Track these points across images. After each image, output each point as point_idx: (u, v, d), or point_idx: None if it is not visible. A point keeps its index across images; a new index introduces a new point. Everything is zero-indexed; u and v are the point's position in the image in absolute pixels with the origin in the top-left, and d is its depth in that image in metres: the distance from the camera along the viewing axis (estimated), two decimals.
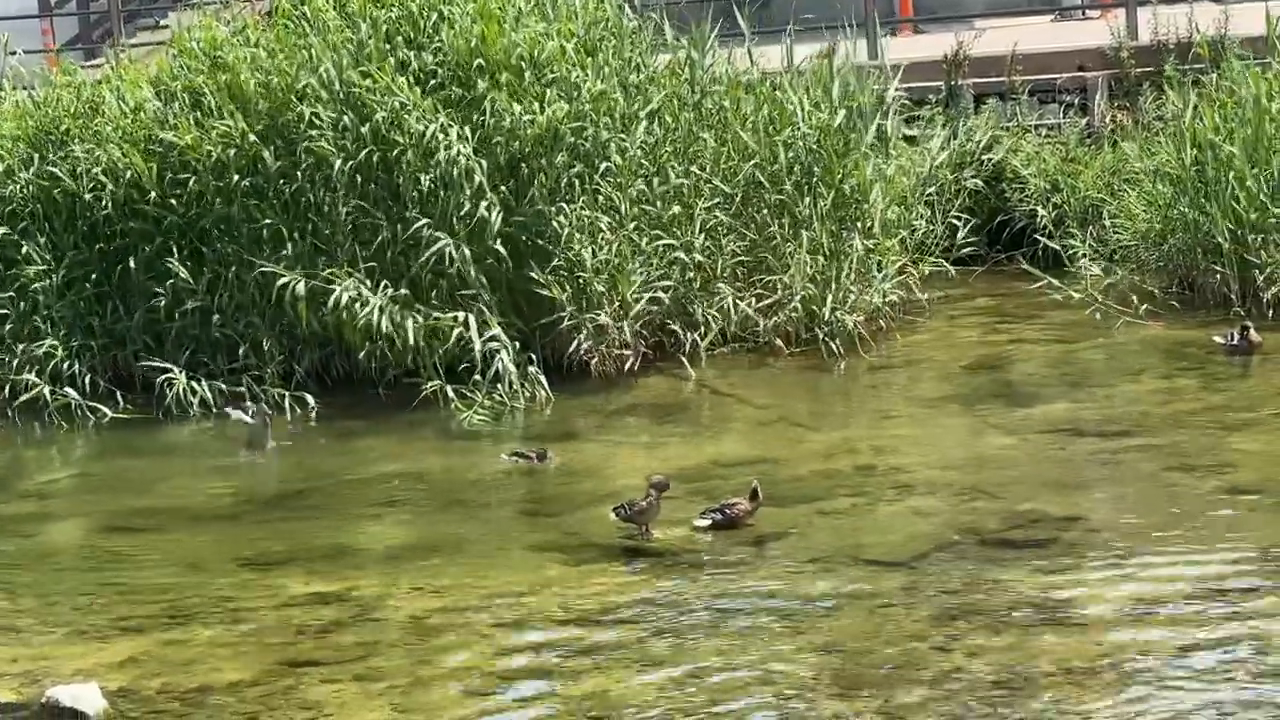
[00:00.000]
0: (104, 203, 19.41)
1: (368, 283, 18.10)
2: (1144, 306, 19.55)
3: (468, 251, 18.10)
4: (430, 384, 17.71)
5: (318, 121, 18.74)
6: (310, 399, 18.18)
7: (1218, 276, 20.02)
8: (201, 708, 10.43)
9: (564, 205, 18.48)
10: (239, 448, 17.05)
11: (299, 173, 18.85)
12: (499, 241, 18.24)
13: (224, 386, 18.44)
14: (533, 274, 18.35)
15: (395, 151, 18.56)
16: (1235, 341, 18.00)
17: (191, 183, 19.06)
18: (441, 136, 18.32)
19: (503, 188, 18.49)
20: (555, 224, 18.41)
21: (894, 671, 10.32)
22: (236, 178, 18.89)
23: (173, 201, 19.17)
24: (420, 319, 17.96)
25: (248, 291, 18.72)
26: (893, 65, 23.60)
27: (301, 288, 18.13)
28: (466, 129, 18.53)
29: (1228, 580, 11.44)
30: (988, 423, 16.16)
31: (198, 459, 17.11)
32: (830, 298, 19.27)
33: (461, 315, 17.98)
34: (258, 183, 18.99)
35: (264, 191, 18.97)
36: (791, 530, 13.22)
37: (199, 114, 19.43)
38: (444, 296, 18.38)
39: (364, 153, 18.61)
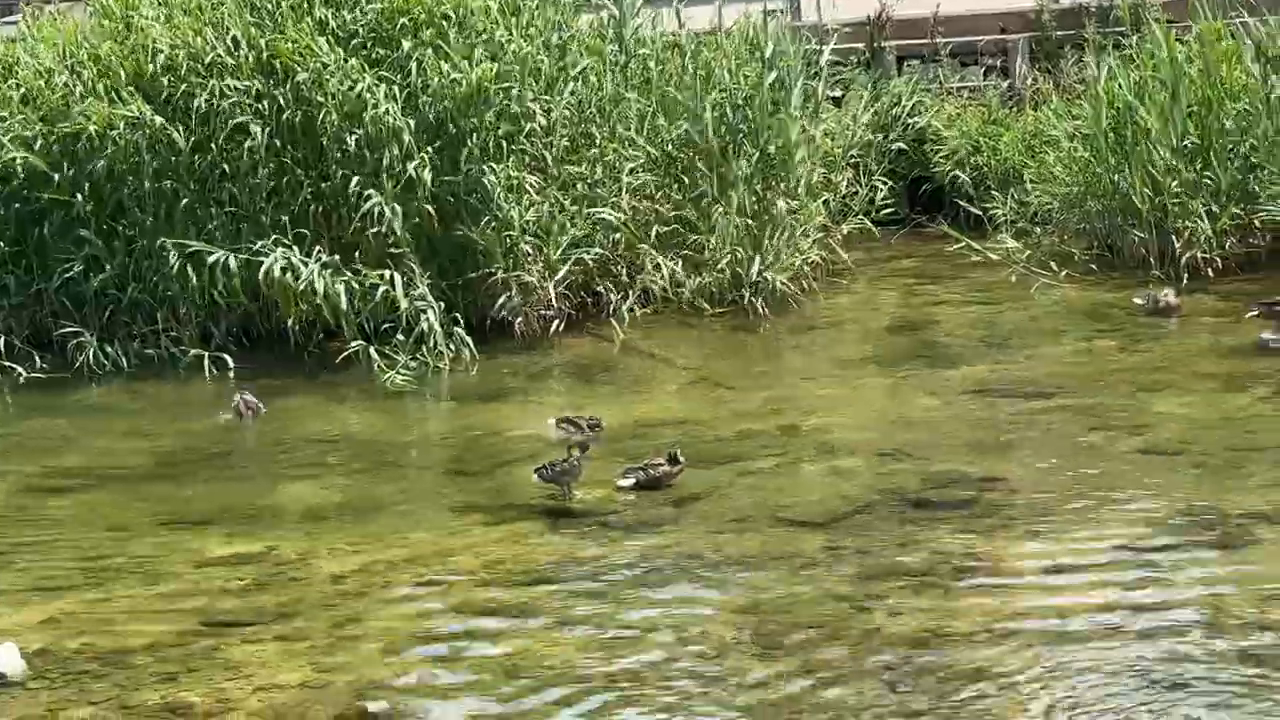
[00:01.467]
0: (17, 167, 19.15)
1: (295, 250, 17.96)
2: (1064, 273, 19.68)
3: (399, 208, 18.03)
4: (354, 344, 17.65)
5: (229, 92, 18.56)
6: (230, 360, 18.09)
7: (1136, 239, 20.15)
8: (121, 668, 10.38)
9: (492, 165, 18.42)
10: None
11: (213, 145, 18.69)
12: (428, 201, 18.19)
13: (138, 348, 18.35)
14: (459, 234, 18.30)
15: (319, 113, 18.44)
16: (1154, 303, 18.14)
17: (101, 164, 18.85)
18: (369, 96, 18.23)
19: (429, 149, 18.40)
20: (484, 184, 18.35)
21: (815, 631, 10.35)
22: (147, 159, 18.70)
23: (85, 184, 18.98)
24: (354, 284, 17.85)
25: (165, 257, 18.55)
26: (822, 27, 23.63)
27: (233, 263, 17.99)
28: (395, 89, 18.43)
29: (1146, 540, 11.53)
30: (909, 384, 16.23)
31: (115, 419, 16.99)
32: (756, 259, 19.30)
33: (388, 274, 17.91)
34: (169, 161, 18.79)
35: (176, 169, 18.78)
36: (714, 490, 13.24)
37: (107, 83, 19.15)
38: (368, 257, 18.32)
39: (285, 116, 18.49)
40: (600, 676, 9.90)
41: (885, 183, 22.37)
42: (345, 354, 17.62)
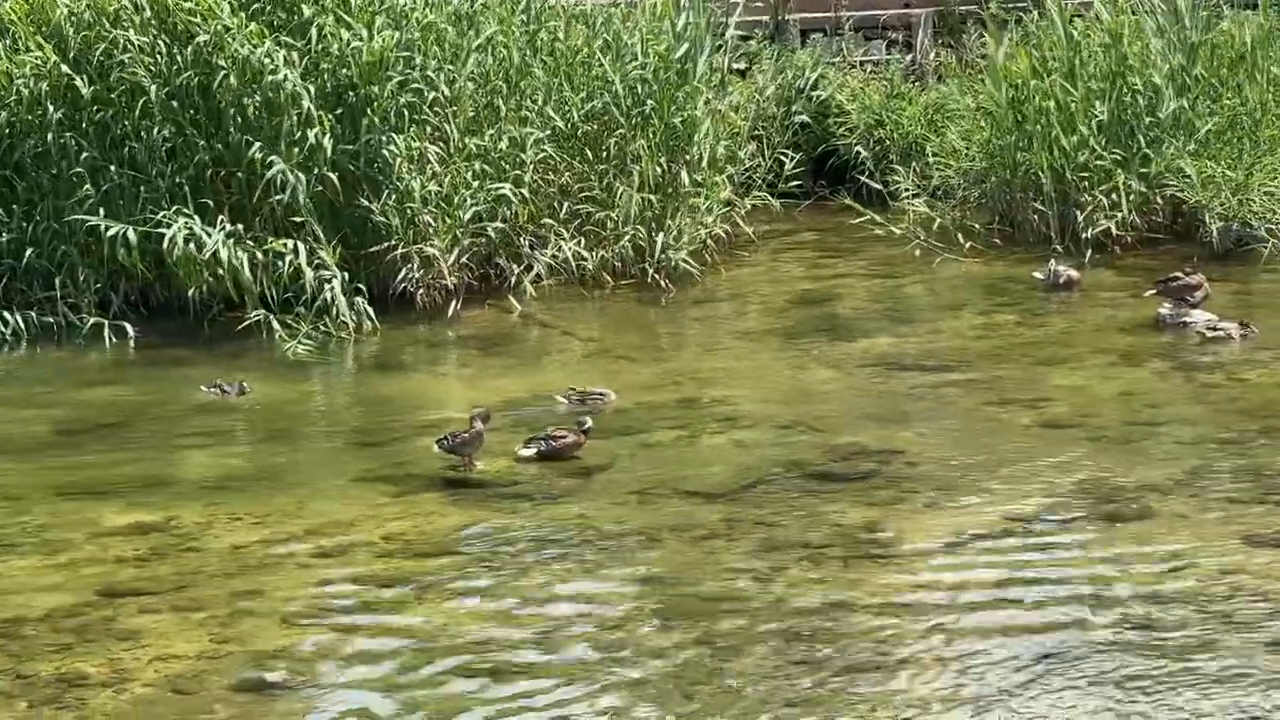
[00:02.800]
0: None
1: (197, 220, 17.81)
2: (968, 244, 19.81)
3: (303, 176, 17.92)
4: (254, 314, 17.54)
5: (131, 47, 18.39)
6: (129, 328, 17.94)
7: (1038, 214, 20.29)
8: (15, 639, 10.27)
9: (393, 136, 18.33)
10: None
11: (114, 97, 18.52)
12: (329, 169, 18.08)
13: (36, 316, 18.16)
14: (360, 203, 18.22)
15: (217, 76, 18.29)
16: (1054, 278, 18.28)
17: (2, 116, 18.65)
18: (268, 61, 18.09)
19: (329, 116, 18.28)
20: (385, 153, 18.26)
21: (714, 603, 10.37)
22: (50, 109, 18.50)
23: None
24: (258, 254, 17.72)
25: (63, 221, 18.38)
26: None
27: (132, 236, 17.82)
28: (294, 54, 18.30)
29: (1043, 513, 11.62)
30: (811, 356, 16.29)
31: (12, 388, 16.81)
32: (658, 234, 19.31)
33: (292, 243, 17.80)
34: (71, 114, 18.60)
35: (78, 122, 18.59)
36: (614, 462, 13.25)
37: (7, 42, 18.94)
38: (269, 224, 18.21)
39: (183, 77, 18.34)
40: (500, 647, 9.88)
41: (789, 156, 22.41)
42: (246, 324, 17.51)
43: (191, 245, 17.63)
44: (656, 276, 19.09)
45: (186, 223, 17.70)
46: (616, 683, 9.37)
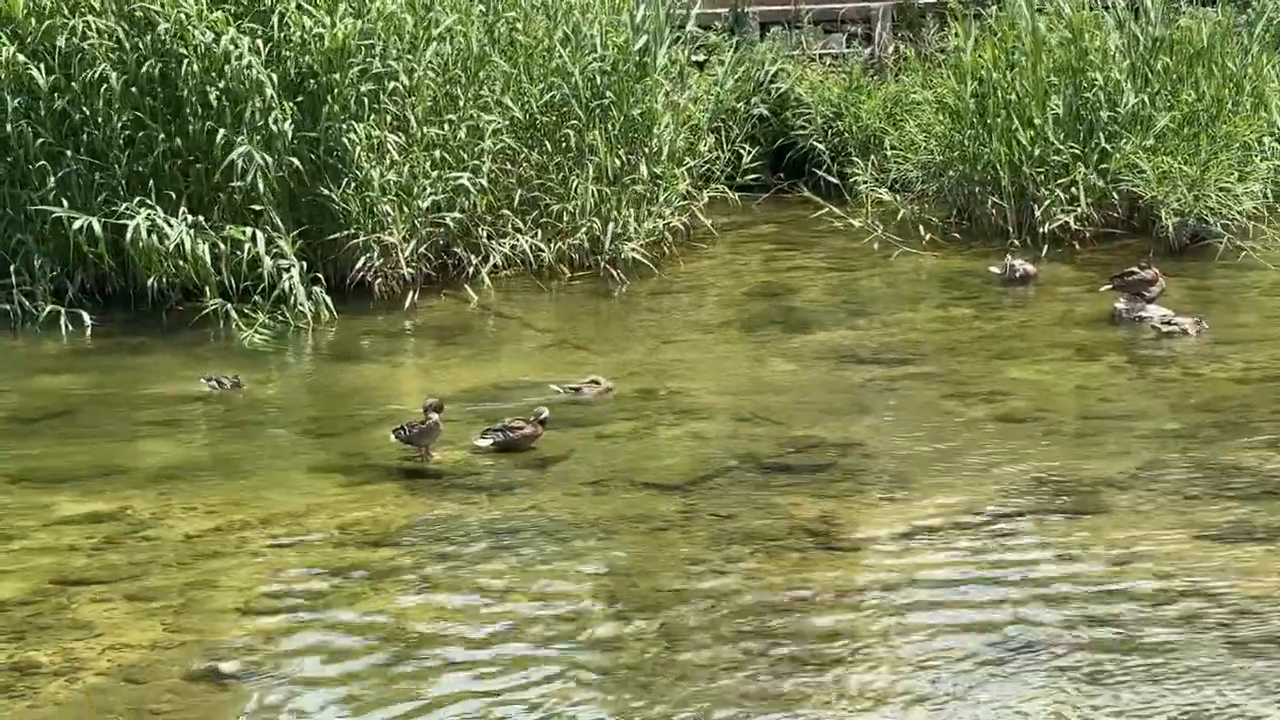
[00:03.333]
0: None
1: (158, 209, 17.72)
2: (926, 237, 19.87)
3: (269, 159, 17.86)
4: (212, 302, 17.48)
5: (91, 34, 18.30)
6: (86, 316, 17.86)
7: (995, 208, 20.34)
8: None
9: (353, 124, 18.28)
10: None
11: (73, 85, 18.43)
12: (290, 156, 18.03)
13: None
14: (319, 192, 18.17)
15: (180, 63, 18.21)
16: (1011, 272, 18.34)
17: None
18: (232, 48, 18.02)
19: (290, 103, 18.23)
20: (345, 141, 18.22)
21: (670, 595, 10.38)
22: (8, 99, 18.38)
23: None
24: (220, 244, 17.65)
25: (20, 208, 18.28)
26: None
27: (97, 227, 17.74)
28: (258, 41, 18.24)
29: (999, 506, 11.66)
30: (768, 349, 16.31)
31: None
32: (613, 226, 19.32)
33: (250, 231, 17.74)
34: (28, 102, 18.50)
35: (35, 110, 18.49)
36: (571, 453, 13.25)
37: None
38: (227, 213, 18.15)
39: (145, 65, 18.26)
40: (456, 638, 9.88)
41: (747, 150, 22.42)
42: (204, 312, 17.45)
43: (154, 236, 17.54)
44: (611, 269, 19.09)
45: (149, 214, 17.61)
46: (572, 674, 9.38)
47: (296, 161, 18.07)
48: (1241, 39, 21.25)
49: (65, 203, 17.95)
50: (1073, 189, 19.83)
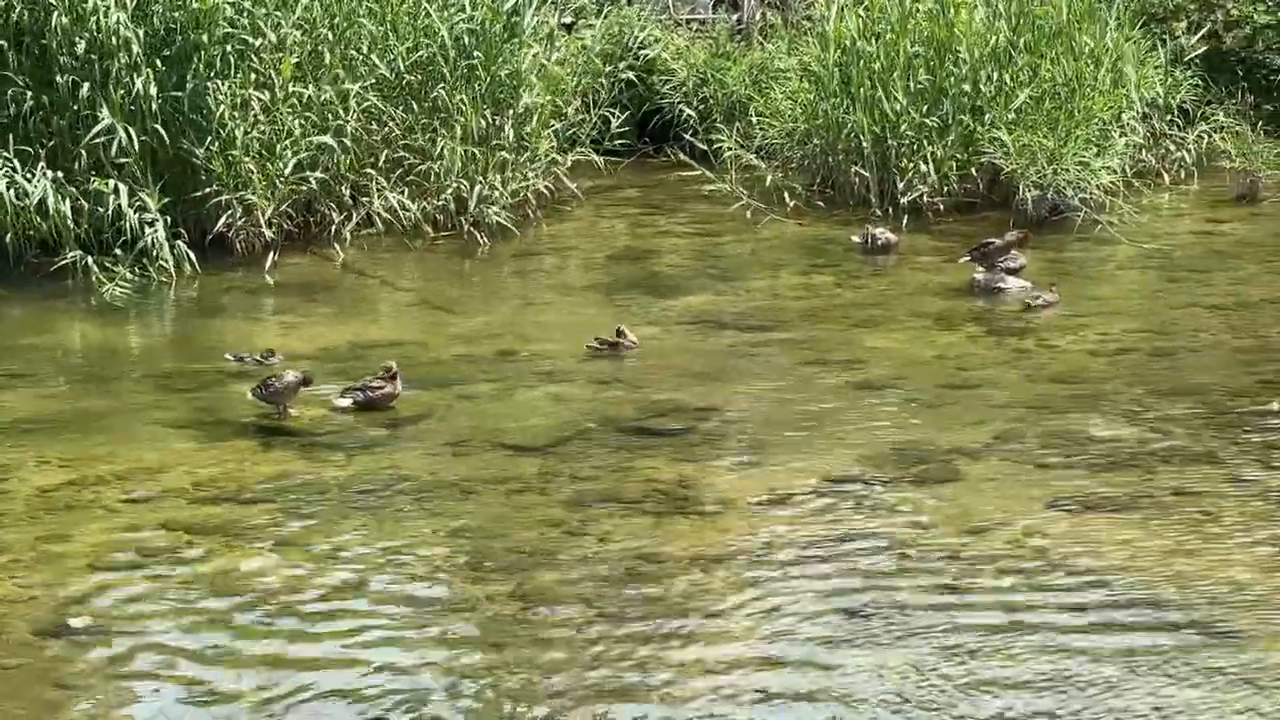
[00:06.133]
0: None
1: (17, 164, 17.44)
2: (791, 204, 19.97)
3: (131, 130, 17.64)
4: (71, 255, 17.26)
5: None
6: None
7: (858, 178, 20.46)
8: None
9: (218, 83, 18.10)
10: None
11: None
12: (154, 120, 17.82)
13: None
14: (182, 148, 17.98)
15: (48, 15, 17.93)
16: (872, 241, 18.47)
17: None
18: (100, 2, 17.77)
19: (157, 59, 18.01)
20: (210, 100, 18.03)
21: (527, 555, 10.40)
22: None
23: None
24: (82, 198, 17.42)
25: None
26: None
27: None
28: None
29: (855, 474, 11.75)
30: (630, 313, 16.31)
31: None
32: (478, 187, 19.26)
33: (113, 184, 17.52)
34: None
35: None
36: (431, 413, 13.22)
37: None
38: (88, 164, 17.91)
39: (11, 16, 17.97)
40: (311, 596, 9.86)
41: (614, 114, 22.40)
42: (62, 265, 17.23)
43: (12, 192, 17.26)
44: (475, 230, 19.04)
45: (7, 170, 17.32)
46: (427, 633, 9.39)
47: (159, 127, 17.85)
48: (1102, 16, 21.46)
49: None
50: (933, 160, 19.97)
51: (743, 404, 13.45)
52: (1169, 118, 22.32)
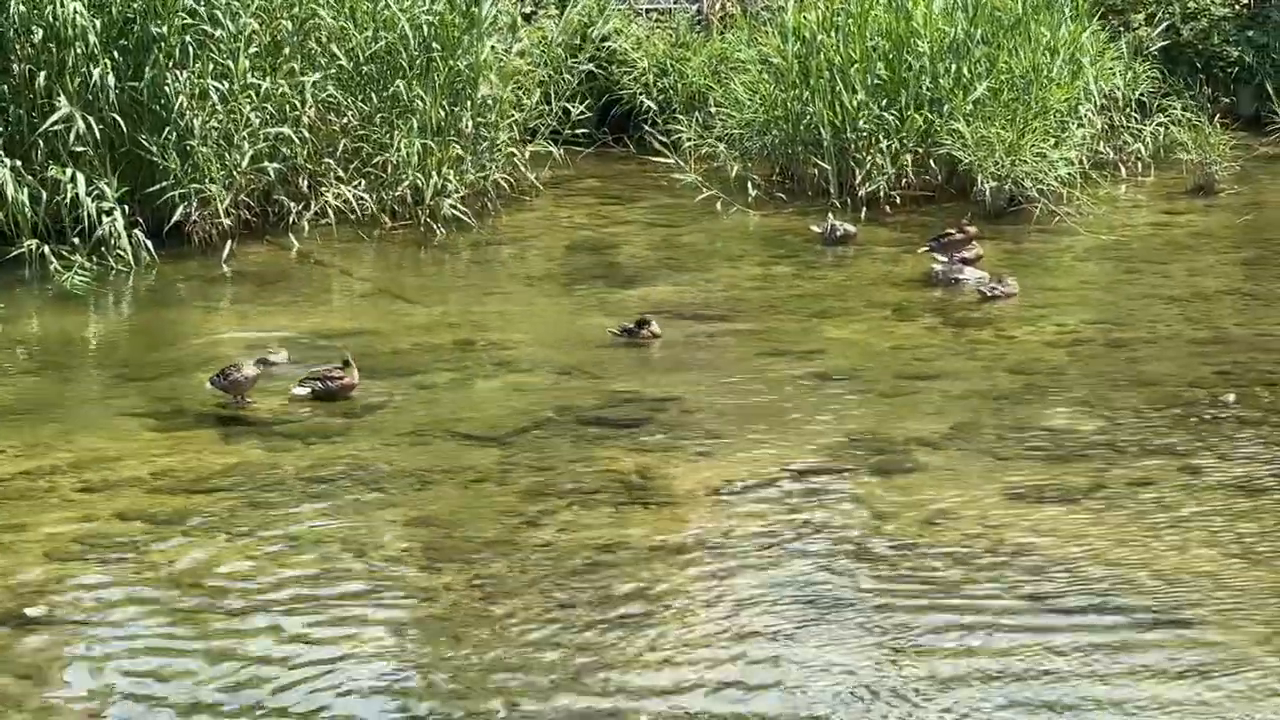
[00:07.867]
0: None
1: None
2: (752, 194, 19.99)
3: (90, 120, 17.57)
4: (28, 243, 17.18)
5: None
6: None
7: (817, 169, 20.49)
8: None
9: (175, 73, 18.03)
10: None
11: None
12: (111, 109, 17.76)
13: None
14: (140, 137, 17.92)
15: (3, 3, 17.84)
16: (831, 232, 18.49)
17: None
18: None
19: (114, 50, 17.94)
20: (167, 90, 17.97)
21: (484, 545, 10.39)
22: None
23: None
24: (39, 187, 17.35)
25: None
26: None
27: None
28: None
29: (813, 464, 11.76)
30: (588, 303, 16.33)
31: None
32: (434, 177, 19.23)
33: (70, 172, 17.45)
34: None
35: None
36: (388, 403, 13.21)
37: None
38: (45, 153, 17.82)
39: None
40: (268, 585, 9.84)
41: (574, 107, 22.38)
42: (18, 254, 17.15)
43: None
44: (432, 221, 19.01)
45: None
46: (385, 624, 9.37)
47: (117, 117, 17.79)
48: (1059, 6, 21.52)
49: None
50: (892, 152, 20.01)
51: (702, 394, 13.46)
52: (1126, 110, 22.39)
